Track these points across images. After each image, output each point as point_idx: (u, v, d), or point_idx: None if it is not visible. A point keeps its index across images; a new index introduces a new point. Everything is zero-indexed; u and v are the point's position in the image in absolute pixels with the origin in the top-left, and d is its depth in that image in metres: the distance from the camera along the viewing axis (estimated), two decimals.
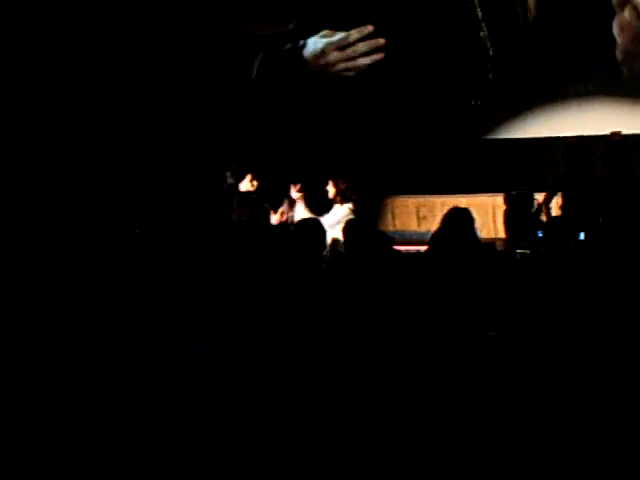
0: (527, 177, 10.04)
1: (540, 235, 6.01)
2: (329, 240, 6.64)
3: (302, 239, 5.27)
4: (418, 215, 10.67)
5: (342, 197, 8.63)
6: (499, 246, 8.27)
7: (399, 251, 5.93)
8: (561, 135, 10.05)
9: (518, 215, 9.24)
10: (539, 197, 8.96)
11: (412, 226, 10.58)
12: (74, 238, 6.38)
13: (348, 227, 5.73)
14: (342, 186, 8.69)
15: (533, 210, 8.58)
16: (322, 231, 5.50)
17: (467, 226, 6.10)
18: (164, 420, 4.02)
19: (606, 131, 8.81)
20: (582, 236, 7.14)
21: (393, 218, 10.82)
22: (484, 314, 4.69)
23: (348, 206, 8.54)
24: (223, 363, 4.28)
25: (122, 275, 5.32)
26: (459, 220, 6.12)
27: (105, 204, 9.65)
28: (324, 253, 5.77)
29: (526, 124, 10.64)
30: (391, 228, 10.38)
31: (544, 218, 8.30)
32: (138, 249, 5.94)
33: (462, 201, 9.87)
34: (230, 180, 8.88)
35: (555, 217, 8.29)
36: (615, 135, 8.49)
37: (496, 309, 4.80)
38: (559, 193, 8.41)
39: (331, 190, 8.71)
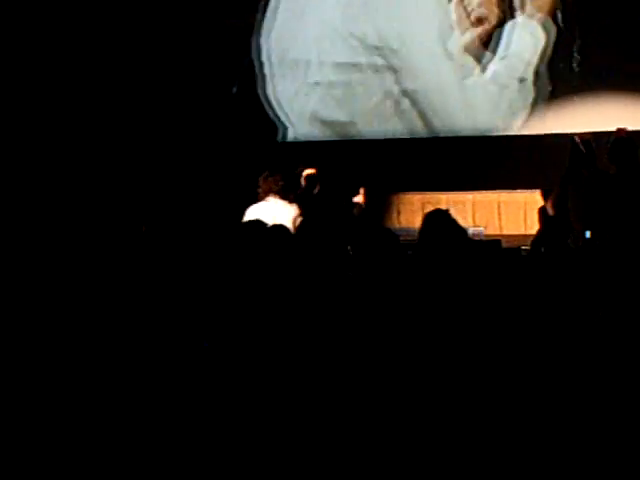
0: (534, 174, 10.04)
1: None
2: None
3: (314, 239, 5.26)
4: (423, 212, 10.62)
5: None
6: (505, 243, 8.26)
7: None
8: (569, 132, 10.03)
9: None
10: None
11: (417, 223, 10.51)
12: (80, 236, 6.38)
13: (357, 224, 5.72)
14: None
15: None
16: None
17: (448, 225, 6.07)
18: (168, 418, 4.01)
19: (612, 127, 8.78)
20: (588, 234, 7.11)
21: (398, 215, 10.81)
22: (490, 311, 4.68)
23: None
24: (229, 361, 4.27)
25: (128, 272, 5.31)
26: (438, 221, 6.10)
27: (111, 201, 9.65)
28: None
29: (533, 121, 10.63)
30: (396, 225, 10.37)
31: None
32: (145, 247, 5.93)
33: (468, 198, 9.90)
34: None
35: (553, 216, 8.27)
36: (621, 131, 8.44)
37: (502, 306, 4.79)
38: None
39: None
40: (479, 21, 10.57)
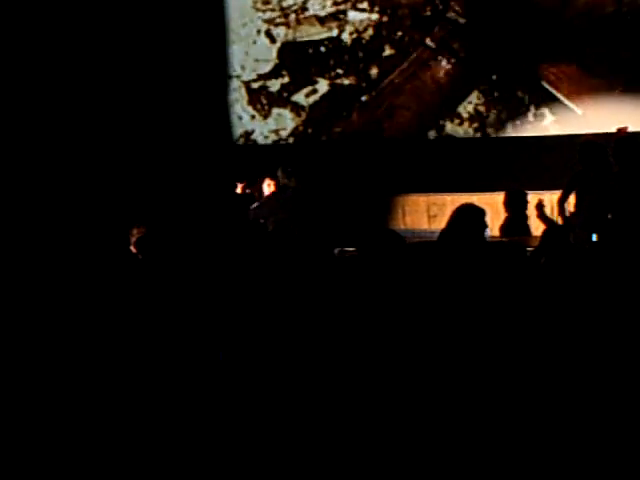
0: (539, 175, 10.03)
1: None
2: None
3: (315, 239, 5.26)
4: (429, 213, 10.64)
5: None
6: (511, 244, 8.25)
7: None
8: (573, 133, 10.03)
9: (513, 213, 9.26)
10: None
11: (423, 224, 10.56)
12: (79, 238, 6.37)
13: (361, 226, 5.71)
14: None
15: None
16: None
17: (476, 224, 6.10)
18: (181, 425, 4.01)
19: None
20: (594, 237, 7.09)
21: (404, 216, 10.80)
22: (496, 311, 4.68)
23: None
24: (243, 371, 4.26)
25: (135, 278, 5.30)
26: (468, 218, 6.12)
27: (109, 203, 9.65)
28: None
29: (536, 122, 10.62)
30: (402, 226, 10.37)
31: (559, 218, 8.24)
32: (146, 251, 5.90)
33: (473, 199, 9.86)
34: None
35: (551, 222, 8.27)
36: (622, 131, 8.42)
37: (508, 305, 4.78)
38: (574, 192, 8.36)
39: None
40: None
